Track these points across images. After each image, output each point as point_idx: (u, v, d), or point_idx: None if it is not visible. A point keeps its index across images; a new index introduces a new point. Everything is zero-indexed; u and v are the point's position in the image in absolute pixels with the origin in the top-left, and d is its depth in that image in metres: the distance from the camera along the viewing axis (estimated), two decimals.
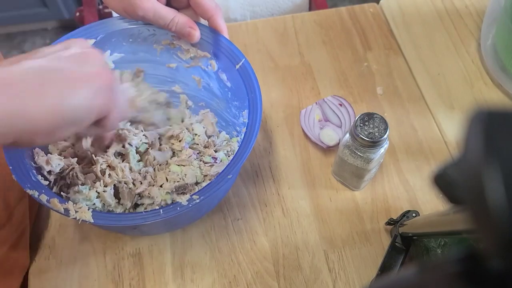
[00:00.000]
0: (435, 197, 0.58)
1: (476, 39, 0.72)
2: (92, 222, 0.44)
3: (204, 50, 0.55)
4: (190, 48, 0.55)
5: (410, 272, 0.26)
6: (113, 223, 0.45)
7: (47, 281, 0.54)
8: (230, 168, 0.47)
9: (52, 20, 1.81)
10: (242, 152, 0.48)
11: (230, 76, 0.54)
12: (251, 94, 0.51)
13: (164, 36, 0.55)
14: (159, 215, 0.45)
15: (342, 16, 0.75)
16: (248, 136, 0.49)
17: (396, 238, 0.52)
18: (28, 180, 0.45)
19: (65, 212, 0.44)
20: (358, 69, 0.70)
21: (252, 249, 0.55)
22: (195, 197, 0.45)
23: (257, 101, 0.51)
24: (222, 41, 0.54)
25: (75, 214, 0.44)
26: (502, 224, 0.17)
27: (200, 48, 0.55)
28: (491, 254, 0.19)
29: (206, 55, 0.55)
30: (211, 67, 0.56)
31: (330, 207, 0.58)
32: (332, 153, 0.62)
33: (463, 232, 0.33)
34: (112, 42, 0.54)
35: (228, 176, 0.46)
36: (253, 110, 0.51)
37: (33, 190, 0.44)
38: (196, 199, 0.45)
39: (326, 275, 0.54)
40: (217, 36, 0.53)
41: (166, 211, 0.45)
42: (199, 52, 0.55)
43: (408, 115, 0.65)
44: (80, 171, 0.51)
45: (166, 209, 0.45)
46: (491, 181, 0.17)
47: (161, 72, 0.58)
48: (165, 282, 0.53)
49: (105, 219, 0.45)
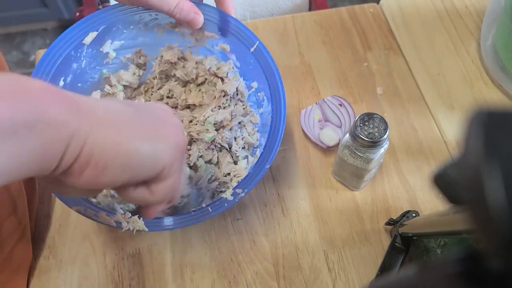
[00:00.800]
0: (435, 197, 0.58)
1: (476, 39, 0.72)
2: (146, 230, 0.43)
3: (212, 31, 0.54)
4: (195, 31, 0.54)
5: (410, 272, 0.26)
6: (167, 228, 0.44)
7: (47, 281, 0.54)
8: (265, 158, 0.47)
9: (52, 20, 1.81)
10: (273, 139, 0.48)
11: (240, 56, 0.54)
12: (270, 78, 0.51)
13: (166, 20, 0.54)
14: (209, 213, 0.44)
15: (342, 16, 0.75)
16: (276, 121, 0.49)
17: (396, 238, 0.52)
18: (71, 199, 0.44)
19: (117, 225, 0.43)
20: (358, 69, 0.70)
21: (252, 249, 0.55)
22: (238, 190, 0.45)
23: (278, 85, 0.51)
24: (231, 22, 0.53)
25: (128, 225, 0.43)
26: (502, 224, 0.16)
27: (206, 29, 0.54)
28: (491, 254, 0.19)
29: (213, 36, 0.54)
30: (218, 48, 0.55)
31: (330, 207, 0.58)
32: (332, 153, 0.62)
33: (463, 232, 0.33)
34: (113, 31, 0.53)
35: (266, 166, 0.46)
36: (276, 95, 0.50)
37: (78, 206, 0.43)
38: (240, 193, 0.45)
39: (326, 275, 0.53)
40: (226, 17, 0.52)
41: (214, 208, 0.45)
42: (206, 33, 0.54)
43: (408, 115, 0.65)
44: None
45: (214, 206, 0.45)
46: (491, 181, 0.17)
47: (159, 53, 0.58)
48: (165, 282, 0.53)
49: (158, 226, 0.44)
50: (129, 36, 0.55)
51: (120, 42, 0.55)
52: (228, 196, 0.45)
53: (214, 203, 0.45)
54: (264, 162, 0.47)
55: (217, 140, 0.53)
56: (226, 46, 0.55)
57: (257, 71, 0.53)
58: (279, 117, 0.50)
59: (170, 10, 0.49)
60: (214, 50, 0.56)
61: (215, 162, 0.54)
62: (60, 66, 0.50)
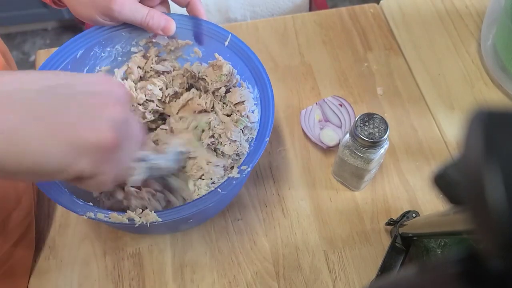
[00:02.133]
0: (435, 197, 0.58)
1: (476, 39, 0.72)
2: (160, 221, 0.43)
3: (185, 39, 0.55)
4: (169, 42, 0.55)
5: (410, 272, 0.26)
6: (181, 215, 0.43)
7: (47, 281, 0.54)
8: (263, 133, 0.47)
9: (52, 21, 1.81)
10: (266, 114, 0.48)
11: (222, 53, 0.54)
12: (249, 63, 0.52)
13: (140, 36, 0.55)
14: (218, 193, 0.44)
15: (342, 17, 0.75)
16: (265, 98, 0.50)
17: (396, 238, 0.52)
18: (77, 205, 0.43)
19: (130, 221, 0.43)
20: (358, 69, 0.70)
21: (252, 250, 0.55)
22: (243, 167, 0.46)
23: (258, 67, 0.52)
24: (203, 24, 0.54)
25: (141, 219, 0.43)
26: (502, 224, 0.16)
27: (179, 37, 0.55)
28: (491, 254, 0.19)
29: (187, 42, 0.55)
30: (195, 54, 0.56)
31: (330, 208, 0.58)
32: (332, 154, 0.62)
33: (463, 233, 0.33)
34: (91, 56, 0.54)
35: (265, 139, 0.47)
36: (258, 76, 0.52)
37: (88, 212, 0.42)
38: (246, 169, 0.45)
39: (326, 276, 0.53)
40: (197, 21, 0.54)
41: (223, 188, 0.45)
42: (180, 42, 0.55)
43: (408, 115, 0.65)
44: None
45: (222, 186, 0.45)
46: (491, 181, 0.17)
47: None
48: (165, 282, 0.53)
49: (172, 214, 0.43)
50: (108, 57, 0.56)
51: (107, 68, 0.56)
52: (235, 174, 0.46)
53: (222, 184, 0.46)
54: (262, 137, 0.48)
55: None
56: (198, 50, 0.56)
57: (237, 62, 0.54)
58: (266, 94, 0.51)
59: (143, 19, 0.50)
60: (191, 58, 0.57)
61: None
62: None
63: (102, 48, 0.54)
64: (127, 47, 0.56)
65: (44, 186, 0.44)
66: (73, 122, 0.30)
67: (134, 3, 0.49)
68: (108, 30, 0.53)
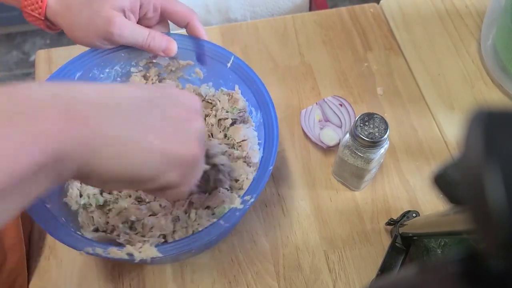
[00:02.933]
0: (436, 197, 0.58)
1: (476, 39, 0.72)
2: (160, 256, 0.41)
3: (186, 59, 0.54)
4: (170, 62, 0.55)
5: (410, 272, 0.26)
6: (185, 248, 0.42)
7: (48, 281, 0.54)
8: (266, 161, 0.46)
9: None
10: (270, 140, 0.47)
11: (224, 75, 0.54)
12: (252, 86, 0.51)
13: (140, 57, 0.54)
14: (221, 226, 0.43)
15: (342, 16, 0.75)
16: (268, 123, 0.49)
17: (396, 238, 0.52)
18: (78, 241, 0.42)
19: (129, 257, 0.41)
20: (358, 69, 0.70)
21: (252, 249, 0.55)
22: (247, 197, 0.44)
23: (262, 90, 0.51)
24: (204, 45, 0.53)
25: (140, 255, 0.41)
26: (502, 224, 0.16)
27: (180, 58, 0.54)
28: (491, 254, 0.19)
29: (189, 63, 0.55)
30: (196, 75, 0.56)
31: (330, 208, 0.58)
32: (332, 153, 0.62)
33: (463, 233, 0.33)
34: (89, 77, 0.53)
35: (269, 168, 0.45)
36: (262, 100, 0.50)
37: (87, 248, 0.41)
38: (249, 199, 0.44)
39: (326, 276, 0.53)
40: (199, 41, 0.53)
41: (226, 220, 0.43)
42: (181, 62, 0.55)
43: (408, 115, 0.65)
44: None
45: (225, 218, 0.43)
46: (491, 181, 0.17)
47: None
48: (165, 282, 0.53)
49: (173, 249, 0.42)
50: (107, 77, 0.55)
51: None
52: (238, 205, 0.44)
53: (225, 215, 0.44)
54: (266, 165, 0.46)
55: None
56: (200, 71, 0.55)
57: (239, 84, 0.53)
58: (270, 118, 0.49)
59: (144, 40, 0.49)
60: (193, 78, 0.56)
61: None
62: None
63: (101, 70, 0.53)
64: (126, 67, 0.55)
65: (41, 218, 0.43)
66: (167, 135, 0.31)
67: (134, 25, 0.48)
68: (107, 51, 0.52)
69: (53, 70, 0.70)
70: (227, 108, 0.55)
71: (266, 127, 0.49)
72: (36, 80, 0.70)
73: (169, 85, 0.52)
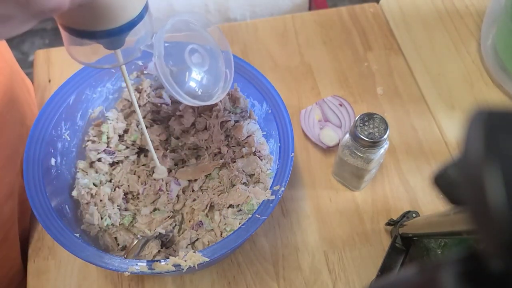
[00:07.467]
0: (436, 197, 0.58)
1: (476, 39, 0.72)
2: (207, 260, 0.41)
3: None
4: None
5: (410, 272, 0.26)
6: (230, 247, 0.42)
7: (46, 281, 0.53)
8: (286, 149, 0.47)
9: (51, 20, 1.81)
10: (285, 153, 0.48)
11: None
12: (254, 80, 0.52)
13: (129, 70, 0.54)
14: (259, 219, 0.44)
15: (342, 16, 0.75)
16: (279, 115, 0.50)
17: (396, 238, 0.52)
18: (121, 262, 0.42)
19: (176, 268, 0.41)
20: (358, 69, 0.69)
21: (252, 250, 0.55)
22: (276, 187, 0.46)
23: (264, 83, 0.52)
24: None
25: (187, 263, 0.41)
26: (502, 224, 0.16)
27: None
28: (492, 254, 0.19)
29: None
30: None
31: (330, 208, 0.58)
32: (332, 154, 0.62)
33: (464, 233, 0.33)
34: (82, 99, 0.54)
35: (290, 154, 0.47)
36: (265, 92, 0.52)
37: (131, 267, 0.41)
38: (279, 188, 0.45)
39: (326, 276, 0.53)
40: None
41: (262, 212, 0.44)
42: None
43: (408, 115, 0.65)
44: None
45: (260, 211, 0.44)
46: (491, 181, 0.17)
47: None
48: (164, 283, 0.53)
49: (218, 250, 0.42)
50: (100, 100, 0.56)
51: (100, 108, 0.56)
52: (269, 196, 0.45)
53: (259, 208, 0.45)
54: (287, 153, 0.47)
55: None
56: None
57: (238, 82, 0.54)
58: (278, 108, 0.51)
59: None
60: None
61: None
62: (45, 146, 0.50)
63: (93, 90, 0.54)
64: (117, 83, 0.55)
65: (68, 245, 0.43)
66: None
67: None
68: (97, 70, 0.53)
69: (51, 70, 0.70)
70: (229, 108, 0.55)
71: (276, 117, 0.50)
72: (35, 79, 0.69)
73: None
